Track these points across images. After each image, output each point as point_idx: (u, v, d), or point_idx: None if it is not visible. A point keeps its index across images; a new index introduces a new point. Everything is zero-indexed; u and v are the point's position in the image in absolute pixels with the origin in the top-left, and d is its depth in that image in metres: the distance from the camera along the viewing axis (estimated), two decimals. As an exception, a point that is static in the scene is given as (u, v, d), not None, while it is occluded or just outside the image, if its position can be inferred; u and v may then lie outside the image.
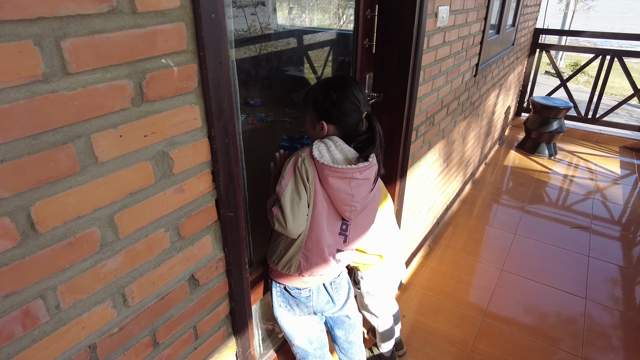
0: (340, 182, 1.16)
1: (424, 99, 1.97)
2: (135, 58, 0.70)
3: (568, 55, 14.29)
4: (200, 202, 0.91)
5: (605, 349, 2.13)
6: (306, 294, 1.37)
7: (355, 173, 1.16)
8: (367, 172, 1.19)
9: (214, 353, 1.12)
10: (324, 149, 1.18)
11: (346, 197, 1.19)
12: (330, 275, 1.39)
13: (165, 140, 0.79)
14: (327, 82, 1.24)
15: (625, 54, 4.41)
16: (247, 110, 1.52)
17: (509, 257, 2.83)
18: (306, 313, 1.43)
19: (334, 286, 1.43)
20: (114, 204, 0.74)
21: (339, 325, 1.56)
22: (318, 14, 1.71)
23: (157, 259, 0.85)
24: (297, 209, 1.16)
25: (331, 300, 1.44)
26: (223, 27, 0.83)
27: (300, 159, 1.17)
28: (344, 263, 1.40)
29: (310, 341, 1.49)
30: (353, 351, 1.63)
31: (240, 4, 1.34)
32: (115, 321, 0.81)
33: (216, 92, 0.85)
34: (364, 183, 1.20)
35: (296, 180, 1.17)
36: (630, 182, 3.95)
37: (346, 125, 1.22)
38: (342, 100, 1.19)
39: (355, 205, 1.22)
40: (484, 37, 2.63)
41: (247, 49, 1.45)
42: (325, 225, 1.23)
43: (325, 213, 1.23)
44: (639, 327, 2.28)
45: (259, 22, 1.45)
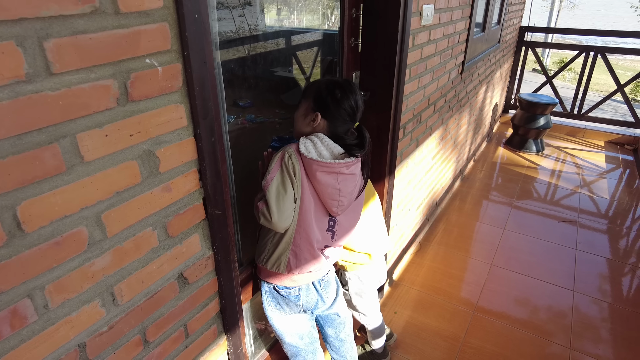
0: (328, 177, 1.18)
1: (411, 96, 2.00)
2: (120, 58, 0.70)
3: (554, 53, 14.46)
4: (188, 200, 0.92)
5: (593, 339, 2.17)
6: (295, 293, 1.38)
7: (342, 168, 1.19)
8: (353, 167, 1.22)
9: (205, 351, 1.12)
10: (310, 145, 1.19)
11: (334, 191, 1.21)
12: (319, 273, 1.40)
13: (151, 139, 0.80)
14: (335, 81, 1.27)
15: (608, 51, 4.48)
16: (237, 112, 1.52)
17: (499, 252, 2.87)
18: (296, 312, 1.44)
19: (322, 284, 1.44)
20: (101, 203, 0.74)
21: (329, 323, 1.58)
22: (306, 14, 1.72)
23: (146, 258, 0.86)
24: (282, 202, 1.17)
25: (320, 298, 1.45)
26: (207, 27, 0.84)
27: (287, 154, 1.18)
28: (333, 259, 1.42)
29: (300, 337, 1.49)
30: (344, 349, 1.64)
31: (228, 5, 1.35)
32: (105, 320, 0.81)
33: (201, 91, 0.86)
34: (350, 178, 1.23)
35: (282, 175, 1.18)
36: (616, 176, 4.02)
37: (337, 126, 1.25)
38: (343, 101, 1.22)
39: (342, 200, 1.24)
40: (469, 35, 2.66)
41: (236, 51, 1.45)
42: (313, 220, 1.25)
43: (313, 209, 1.24)
44: (626, 318, 2.32)
45: (247, 24, 1.46)
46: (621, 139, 4.64)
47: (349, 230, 1.39)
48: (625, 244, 3.00)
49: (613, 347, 2.13)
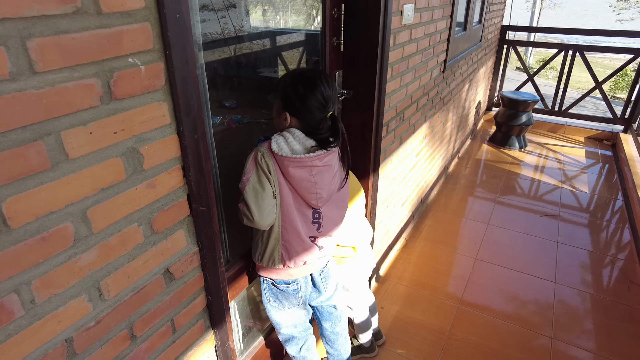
0: (301, 171, 1.19)
1: (393, 95, 2.03)
2: (102, 57, 0.72)
3: (537, 52, 14.71)
4: (172, 197, 0.93)
5: (575, 329, 2.24)
6: (294, 287, 1.41)
7: (314, 160, 1.19)
8: (328, 158, 1.21)
9: (193, 346, 1.14)
10: (282, 141, 1.20)
11: (309, 185, 1.22)
12: (317, 264, 1.42)
13: (135, 136, 0.82)
14: (298, 74, 1.23)
15: (586, 49, 4.59)
16: (223, 113, 1.53)
17: (483, 246, 2.92)
18: (294, 304, 1.48)
19: (322, 275, 1.46)
20: (86, 199, 0.76)
21: (326, 317, 1.60)
22: (292, 15, 1.74)
23: (132, 253, 0.88)
24: (261, 200, 1.19)
25: (319, 290, 1.47)
26: (188, 26, 0.86)
27: (260, 154, 1.19)
28: (328, 249, 1.42)
29: (295, 326, 1.55)
30: (339, 342, 1.68)
31: (213, 7, 1.36)
32: (92, 315, 0.83)
33: (184, 90, 0.88)
34: (326, 170, 1.23)
35: (258, 173, 1.19)
36: (595, 171, 4.12)
37: (309, 121, 1.23)
38: (308, 97, 1.19)
39: (320, 192, 1.24)
40: (450, 34, 2.72)
41: (222, 52, 1.47)
42: (296, 214, 1.27)
43: (294, 203, 1.26)
44: (606, 307, 2.39)
45: (233, 25, 1.47)
46: (600, 134, 4.76)
47: (336, 221, 1.39)
48: (604, 236, 3.09)
49: (594, 335, 2.20)
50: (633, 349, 2.12)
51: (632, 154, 3.98)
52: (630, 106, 4.53)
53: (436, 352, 2.09)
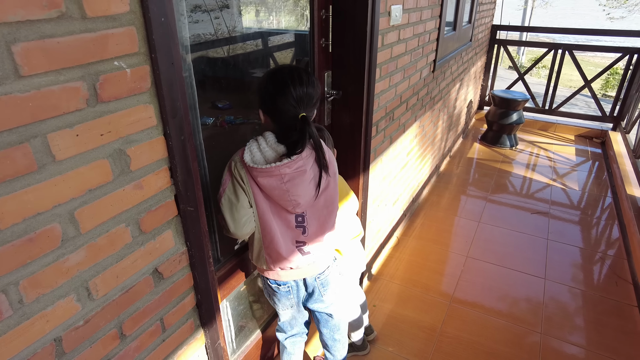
0: (270, 180, 1.17)
1: (382, 95, 2.05)
2: (88, 61, 0.73)
3: (530, 51, 14.82)
4: (160, 197, 0.95)
5: (564, 324, 2.27)
6: (285, 289, 1.42)
7: (282, 169, 1.15)
8: (299, 164, 1.17)
9: (183, 345, 1.15)
10: (255, 148, 1.19)
11: (282, 193, 1.19)
12: (309, 270, 1.40)
13: (121, 138, 0.83)
14: (273, 72, 1.19)
15: (575, 48, 4.64)
16: (216, 114, 1.54)
17: (474, 244, 2.95)
18: (288, 306, 1.49)
19: (319, 282, 1.45)
20: (73, 200, 0.77)
21: (324, 323, 1.62)
22: (285, 16, 1.75)
23: (120, 253, 0.89)
24: (236, 212, 1.20)
25: (315, 295, 1.47)
26: (173, 30, 0.88)
27: (234, 163, 1.20)
28: (318, 256, 1.39)
29: (291, 325, 1.59)
30: (336, 348, 1.69)
31: (206, 8, 1.37)
32: (81, 314, 0.84)
33: (169, 92, 0.89)
34: (299, 176, 1.18)
35: (233, 184, 1.20)
36: (585, 168, 4.17)
37: (280, 121, 1.20)
38: (277, 97, 1.16)
39: (295, 199, 1.21)
40: (439, 34, 2.74)
41: (214, 52, 1.48)
42: (274, 221, 1.26)
43: (272, 210, 1.25)
44: (595, 303, 2.43)
45: (226, 26, 1.48)
46: (590, 132, 4.82)
47: (325, 224, 1.36)
48: (594, 233, 3.13)
49: (583, 330, 2.23)
50: (621, 343, 2.16)
51: (620, 151, 4.03)
52: (619, 104, 4.59)
53: (427, 349, 2.12)
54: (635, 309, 2.38)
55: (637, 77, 4.32)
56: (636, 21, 17.84)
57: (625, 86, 4.47)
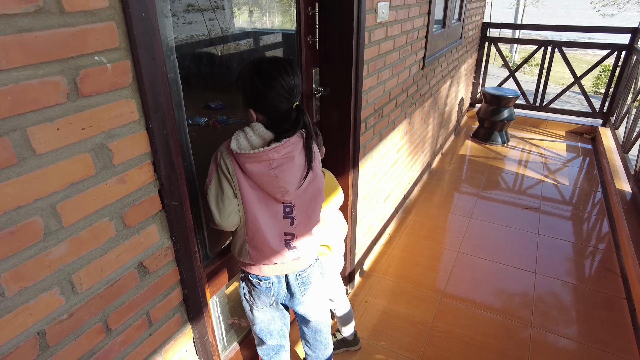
0: (259, 166, 1.15)
1: (371, 91, 2.07)
2: (67, 55, 0.74)
3: (523, 49, 14.90)
4: (143, 191, 0.96)
5: (554, 317, 2.29)
6: (266, 285, 1.38)
7: (270, 154, 1.13)
8: (287, 150, 1.15)
9: (170, 339, 1.16)
10: (242, 137, 1.16)
11: (270, 179, 1.17)
12: (292, 266, 1.38)
13: (103, 132, 0.84)
14: (255, 67, 1.16)
15: (564, 45, 4.68)
16: (209, 114, 1.54)
17: (465, 239, 2.98)
18: (267, 304, 1.45)
19: (300, 280, 1.41)
20: (55, 194, 0.78)
21: (305, 323, 1.58)
22: (278, 16, 1.76)
23: (104, 247, 0.90)
24: (221, 203, 1.19)
25: (295, 294, 1.43)
26: (155, 25, 0.89)
27: (220, 154, 1.19)
28: (304, 252, 1.36)
29: (270, 333, 1.52)
30: (318, 348, 1.65)
31: (199, 7, 1.38)
32: (64, 308, 0.85)
33: (151, 87, 0.90)
34: (287, 162, 1.17)
35: (219, 175, 1.19)
36: (576, 164, 4.20)
37: (274, 115, 1.18)
38: (268, 92, 1.14)
39: (284, 185, 1.19)
40: (428, 32, 2.76)
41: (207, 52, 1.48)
42: (260, 212, 1.24)
43: (259, 200, 1.23)
44: (584, 295, 2.45)
45: (220, 26, 1.49)
46: (580, 128, 4.86)
47: (312, 215, 1.34)
48: (583, 227, 3.16)
49: (573, 323, 2.26)
50: (610, 335, 2.18)
51: (610, 146, 4.07)
52: (608, 100, 4.63)
53: (419, 344, 2.13)
54: (624, 301, 2.41)
55: (625, 73, 4.37)
56: (627, 19, 18.00)
57: (615, 82, 4.51)
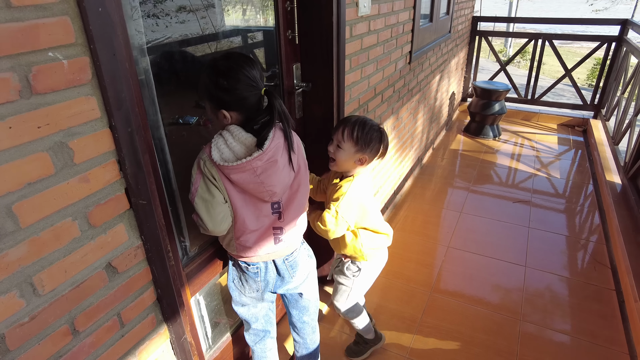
0: (244, 175, 1.16)
1: (354, 86, 2.05)
2: (17, 51, 0.72)
3: (517, 43, 14.89)
4: (109, 190, 0.94)
5: (544, 310, 2.29)
6: (254, 270, 1.41)
7: (254, 162, 1.14)
8: (270, 154, 1.16)
9: (145, 340, 1.14)
10: (222, 144, 1.16)
11: (256, 185, 1.19)
12: (278, 254, 1.41)
13: (62, 131, 0.82)
14: (214, 67, 1.13)
15: (555, 37, 4.67)
16: (199, 113, 1.53)
17: (455, 234, 2.97)
18: (255, 290, 1.46)
19: (287, 264, 1.45)
20: (10, 194, 0.76)
21: (293, 304, 1.61)
22: (271, 14, 1.74)
23: (67, 248, 0.88)
24: (212, 209, 1.19)
25: (284, 277, 1.46)
26: (114, 20, 0.86)
27: (202, 162, 1.18)
28: (289, 243, 1.41)
29: (256, 318, 1.56)
30: (306, 331, 1.68)
31: (191, 7, 1.36)
32: (25, 311, 0.83)
33: (113, 83, 0.88)
34: (271, 166, 1.18)
35: (205, 182, 1.18)
36: (568, 157, 4.20)
37: (246, 108, 1.17)
38: (234, 86, 1.12)
39: (271, 188, 1.22)
40: (414, 25, 2.74)
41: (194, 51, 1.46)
42: (248, 214, 1.27)
43: (246, 203, 1.25)
44: (574, 288, 2.45)
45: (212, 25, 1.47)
46: (572, 121, 4.85)
47: (299, 206, 1.38)
48: (574, 220, 3.15)
49: (562, 316, 2.25)
50: (599, 326, 2.18)
51: (601, 138, 4.07)
52: (599, 92, 4.62)
53: (408, 340, 2.12)
54: (613, 292, 2.40)
55: (615, 65, 4.36)
56: (619, 12, 17.99)
57: (605, 75, 4.50)
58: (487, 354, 2.03)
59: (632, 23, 4.04)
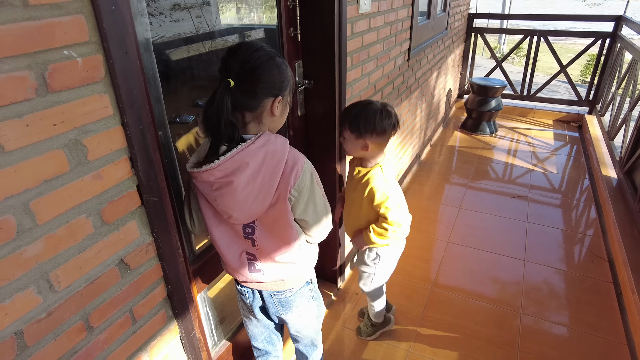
0: (202, 185, 1.07)
1: (355, 84, 2.06)
2: (34, 50, 0.73)
3: (511, 40, 14.96)
4: (121, 187, 0.94)
5: (543, 303, 2.32)
6: (243, 292, 1.37)
7: (203, 175, 1.01)
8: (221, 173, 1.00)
9: (156, 336, 1.15)
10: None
11: (212, 200, 1.07)
12: (262, 286, 1.30)
13: (76, 128, 0.83)
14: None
15: (549, 34, 4.71)
16: (197, 111, 1.53)
17: (455, 229, 2.99)
18: (246, 311, 1.44)
19: (276, 299, 1.33)
20: (28, 191, 0.77)
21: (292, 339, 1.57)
22: (267, 12, 1.75)
23: (82, 244, 0.89)
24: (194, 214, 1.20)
25: (270, 312, 1.39)
26: (126, 18, 0.87)
27: None
28: (269, 277, 1.25)
29: (254, 337, 1.52)
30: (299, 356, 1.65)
31: (185, 5, 1.37)
32: (42, 307, 0.83)
33: (125, 81, 0.89)
34: (224, 186, 1.01)
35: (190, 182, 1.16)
36: (564, 152, 4.24)
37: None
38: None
39: (227, 211, 1.06)
40: (413, 23, 2.76)
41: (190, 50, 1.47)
42: (215, 228, 1.18)
43: (214, 215, 1.16)
44: (572, 281, 2.48)
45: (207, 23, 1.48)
46: (567, 117, 4.90)
47: (274, 239, 1.17)
48: (571, 215, 3.19)
49: (562, 308, 2.28)
50: (598, 318, 2.21)
51: (596, 134, 4.11)
52: (594, 88, 4.67)
53: (410, 335, 2.14)
54: (611, 285, 2.44)
55: (609, 61, 4.40)
56: (613, 8, 18.13)
57: (600, 70, 4.55)
58: (488, 347, 2.05)
59: (626, 19, 4.09)
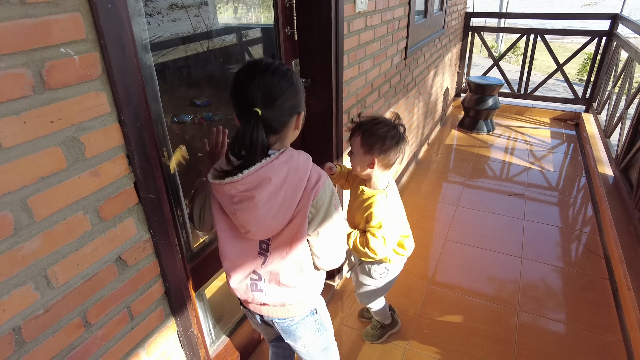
0: (222, 198, 1.02)
1: (352, 82, 2.07)
2: (31, 47, 0.73)
3: (508, 39, 14.99)
4: (118, 184, 0.95)
5: (540, 300, 2.33)
6: (249, 315, 1.33)
7: (225, 187, 0.97)
8: (246, 186, 0.95)
9: (154, 333, 1.16)
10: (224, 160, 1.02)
11: (231, 213, 1.02)
12: (264, 311, 1.22)
13: (73, 125, 0.83)
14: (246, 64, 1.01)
15: (546, 32, 4.72)
16: (194, 111, 1.54)
17: (452, 227, 3.00)
18: (254, 324, 1.39)
19: (279, 327, 1.26)
20: (25, 188, 0.77)
21: None
22: (264, 11, 1.76)
23: (79, 241, 0.89)
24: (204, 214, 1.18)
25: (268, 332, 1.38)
26: (123, 16, 0.88)
27: None
28: (271, 300, 1.17)
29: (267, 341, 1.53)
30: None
31: (183, 5, 1.37)
32: (40, 303, 0.84)
33: (122, 79, 0.89)
34: (246, 200, 0.97)
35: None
36: (561, 150, 4.25)
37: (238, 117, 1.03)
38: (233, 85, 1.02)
39: (245, 225, 1.01)
40: (410, 21, 2.76)
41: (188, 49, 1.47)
42: (227, 241, 1.12)
43: (230, 227, 1.09)
44: (569, 278, 2.49)
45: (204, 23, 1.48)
46: (564, 115, 4.91)
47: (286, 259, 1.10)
48: (568, 212, 3.20)
49: (559, 305, 2.29)
50: (594, 315, 2.22)
51: (593, 132, 4.13)
52: (590, 86, 4.68)
53: (408, 332, 2.15)
54: (607, 282, 2.45)
55: (605, 60, 4.42)
56: (608, 7, 18.19)
57: (596, 69, 4.57)
58: (486, 344, 2.06)
59: (622, 18, 4.10)
